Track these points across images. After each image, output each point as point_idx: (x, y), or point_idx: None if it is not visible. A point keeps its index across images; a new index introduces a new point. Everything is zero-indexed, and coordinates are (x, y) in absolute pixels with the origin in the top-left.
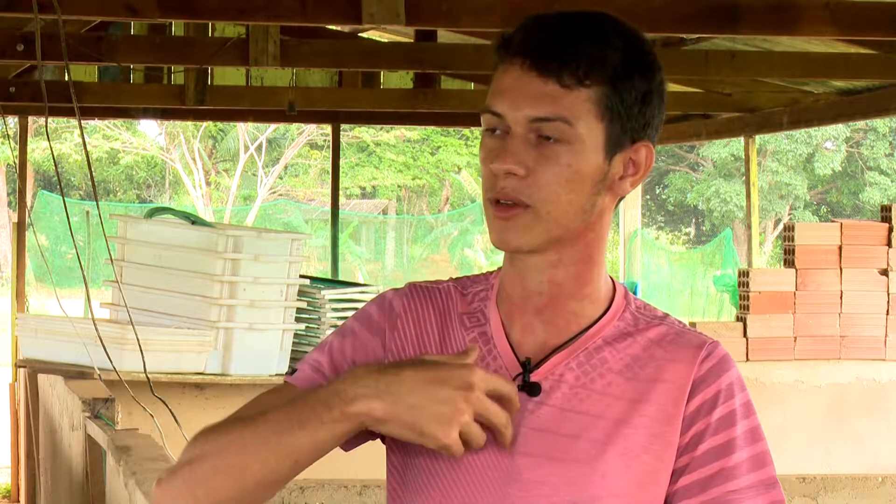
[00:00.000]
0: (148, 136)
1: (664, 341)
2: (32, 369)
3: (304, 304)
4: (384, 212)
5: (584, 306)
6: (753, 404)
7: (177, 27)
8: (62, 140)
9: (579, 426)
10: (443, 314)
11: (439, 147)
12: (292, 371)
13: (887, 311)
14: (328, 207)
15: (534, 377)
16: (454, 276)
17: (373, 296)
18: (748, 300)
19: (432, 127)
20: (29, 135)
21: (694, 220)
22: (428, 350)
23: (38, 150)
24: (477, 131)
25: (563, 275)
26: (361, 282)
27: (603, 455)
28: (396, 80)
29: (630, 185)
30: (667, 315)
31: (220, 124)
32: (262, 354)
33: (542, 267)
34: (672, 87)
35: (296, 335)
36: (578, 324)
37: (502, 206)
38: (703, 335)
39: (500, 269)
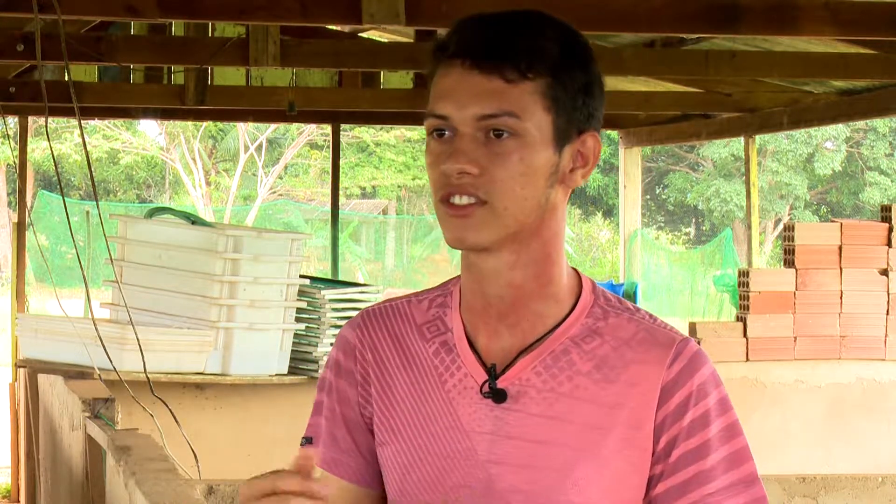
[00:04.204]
0: (148, 136)
1: (634, 341)
2: (32, 369)
3: (304, 304)
4: (384, 212)
5: (549, 306)
6: (729, 399)
7: (177, 27)
8: (62, 140)
9: (549, 432)
10: (397, 333)
11: None
12: (308, 441)
13: (887, 311)
14: (328, 207)
15: (500, 383)
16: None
17: (373, 296)
18: (748, 300)
19: None
20: (29, 135)
21: (694, 220)
22: (391, 371)
23: (38, 150)
24: None
25: (522, 276)
26: (361, 282)
27: (575, 461)
28: (396, 80)
29: (581, 178)
30: (638, 308)
31: (220, 124)
32: (262, 354)
33: (501, 270)
34: (672, 87)
35: (296, 335)
36: (544, 325)
37: (456, 205)
38: (673, 332)
39: (458, 277)
